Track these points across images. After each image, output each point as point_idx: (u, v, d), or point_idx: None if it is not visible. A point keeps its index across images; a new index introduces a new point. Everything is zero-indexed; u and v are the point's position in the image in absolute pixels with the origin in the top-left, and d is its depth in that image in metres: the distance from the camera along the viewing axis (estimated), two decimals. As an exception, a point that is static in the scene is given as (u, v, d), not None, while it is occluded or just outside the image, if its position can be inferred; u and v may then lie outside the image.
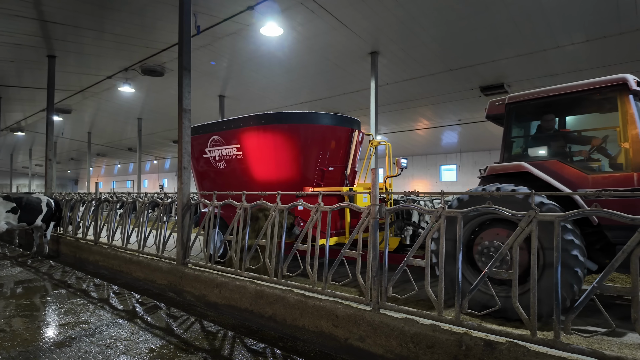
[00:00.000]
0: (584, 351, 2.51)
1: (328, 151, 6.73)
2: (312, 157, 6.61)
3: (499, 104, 5.27)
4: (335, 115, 6.98)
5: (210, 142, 7.41)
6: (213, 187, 7.35)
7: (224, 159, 7.24)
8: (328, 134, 6.71)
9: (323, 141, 6.67)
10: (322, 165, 6.71)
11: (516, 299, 2.88)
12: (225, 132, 7.12)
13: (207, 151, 7.52)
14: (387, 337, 3.32)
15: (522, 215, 2.91)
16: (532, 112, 5.11)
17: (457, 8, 8.34)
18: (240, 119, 6.91)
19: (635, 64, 10.86)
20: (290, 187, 6.31)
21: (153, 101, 16.95)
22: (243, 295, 4.51)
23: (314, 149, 6.60)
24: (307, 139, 6.58)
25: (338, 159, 6.99)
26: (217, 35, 9.97)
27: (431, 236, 3.37)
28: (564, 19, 8.65)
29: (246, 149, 6.85)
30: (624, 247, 2.47)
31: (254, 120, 6.71)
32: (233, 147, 7.03)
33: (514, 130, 5.17)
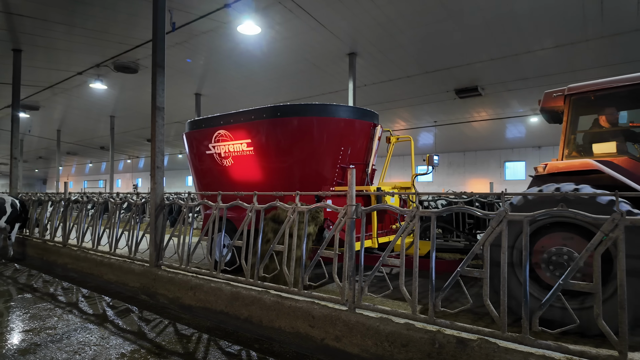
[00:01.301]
0: (550, 346, 2.59)
1: (349, 147, 6.17)
2: (332, 154, 6.06)
3: (557, 96, 4.73)
4: (357, 108, 6.43)
5: (215, 137, 6.71)
6: (217, 186, 6.72)
7: (230, 156, 6.57)
8: (349, 128, 6.17)
9: (344, 136, 6.12)
10: (342, 162, 6.14)
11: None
12: (234, 126, 6.44)
13: (210, 147, 6.82)
14: (363, 337, 3.34)
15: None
16: (596, 104, 4.58)
17: (433, 11, 8.49)
18: (251, 111, 6.26)
19: (601, 69, 11.35)
20: (308, 187, 5.75)
21: (127, 99, 16.48)
22: (218, 298, 4.44)
23: (335, 144, 6.04)
24: (327, 134, 6.00)
25: (359, 155, 6.43)
26: (193, 32, 9.79)
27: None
28: (534, 25, 8.94)
29: (258, 144, 6.19)
30: (587, 246, 2.57)
31: (268, 113, 6.07)
32: (242, 143, 6.34)
33: (574, 124, 4.67)
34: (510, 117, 17.64)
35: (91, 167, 45.81)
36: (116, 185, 47.96)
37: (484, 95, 13.93)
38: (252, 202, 4.53)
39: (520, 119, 17.96)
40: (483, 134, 20.10)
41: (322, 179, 6.04)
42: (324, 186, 6.00)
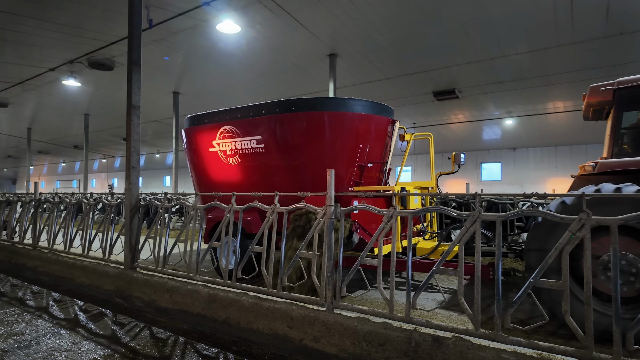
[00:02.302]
0: (522, 342, 2.67)
1: (367, 144, 5.83)
2: (351, 151, 5.70)
3: (605, 90, 4.43)
4: (376, 103, 6.00)
5: (219, 133, 6.25)
6: (221, 186, 6.33)
7: (237, 154, 6.12)
8: (368, 124, 5.82)
9: (363, 132, 5.76)
10: (360, 160, 5.78)
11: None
12: (242, 122, 6.01)
13: (214, 144, 6.36)
14: (341, 337, 3.36)
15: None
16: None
17: (411, 15, 8.62)
18: (262, 106, 5.87)
19: (572, 74, 11.79)
20: (323, 187, 5.57)
21: (102, 96, 16.04)
22: (195, 300, 4.38)
23: (353, 141, 5.69)
24: (345, 130, 5.67)
25: (377, 153, 6.07)
26: (171, 30, 9.63)
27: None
28: (509, 31, 9.20)
29: (270, 141, 5.79)
30: (556, 245, 2.66)
31: (281, 107, 5.69)
32: (252, 140, 5.91)
33: (624, 120, 4.38)
34: (487, 119, 18.09)
35: (64, 166, 44.35)
36: (91, 185, 46.58)
37: (461, 98, 14.24)
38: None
39: (496, 121, 18.44)
40: (460, 135, 20.53)
41: (339, 178, 5.62)
42: (341, 186, 5.64)
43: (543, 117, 17.29)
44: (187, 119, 6.88)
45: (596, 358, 2.46)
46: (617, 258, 2.49)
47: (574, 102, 15.14)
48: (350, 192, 5.58)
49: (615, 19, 8.43)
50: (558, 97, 14.57)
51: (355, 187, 5.74)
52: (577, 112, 16.31)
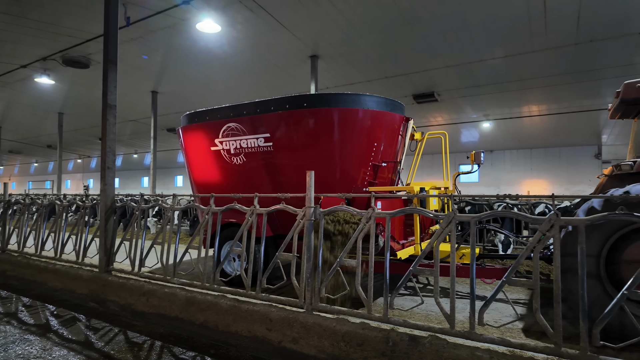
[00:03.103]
0: (495, 340, 2.75)
1: (382, 143, 5.60)
2: (365, 150, 5.47)
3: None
4: (390, 100, 5.73)
5: (223, 131, 5.96)
6: (224, 187, 6.05)
7: (243, 152, 5.84)
8: (382, 122, 5.60)
9: (377, 130, 5.54)
10: (375, 160, 5.57)
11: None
12: (248, 119, 5.74)
13: (217, 143, 6.06)
14: (320, 338, 3.37)
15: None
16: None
17: (391, 18, 8.73)
18: (270, 102, 5.60)
19: (546, 79, 12.18)
20: (334, 187, 5.19)
21: (77, 95, 15.58)
22: (173, 303, 4.31)
23: (367, 139, 5.47)
24: (361, 127, 5.42)
25: (390, 152, 5.85)
26: (149, 28, 9.45)
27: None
28: (485, 36, 9.43)
29: (279, 139, 5.54)
30: (527, 245, 2.75)
31: (292, 103, 5.44)
32: (259, 137, 5.64)
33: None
34: (465, 122, 18.48)
35: (37, 166, 42.85)
36: (65, 186, 45.17)
37: (440, 101, 14.50)
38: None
39: (474, 124, 18.86)
40: (439, 138, 20.89)
41: (351, 178, 5.43)
42: (355, 186, 5.41)
43: (519, 121, 17.79)
44: (185, 117, 6.57)
45: (564, 354, 2.54)
46: (584, 257, 2.58)
47: (548, 105, 15.64)
48: (366, 192, 5.35)
49: (585, 27, 8.76)
50: (533, 101, 15.02)
51: (370, 187, 5.50)
52: (550, 116, 16.87)
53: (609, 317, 2.49)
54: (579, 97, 14.10)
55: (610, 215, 2.67)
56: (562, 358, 2.57)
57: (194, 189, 6.75)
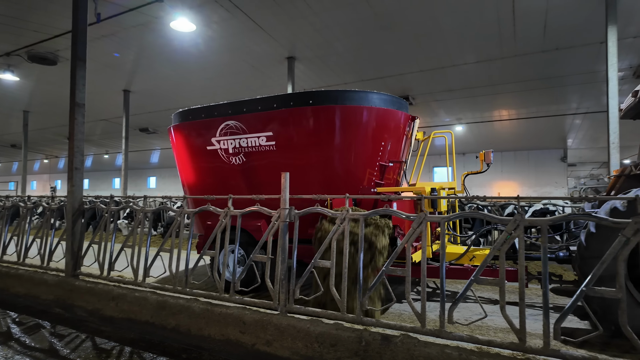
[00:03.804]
0: (463, 337, 2.83)
1: (389, 142, 5.46)
2: (372, 149, 5.32)
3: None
4: (396, 98, 5.55)
5: (220, 129, 5.68)
6: (221, 189, 5.77)
7: (242, 152, 5.58)
8: (390, 120, 5.45)
9: (385, 129, 5.39)
10: (382, 159, 5.41)
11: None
12: (249, 117, 5.49)
13: (214, 142, 5.77)
14: (294, 339, 3.36)
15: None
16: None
17: (367, 22, 8.85)
18: (272, 99, 5.37)
19: (516, 84, 12.63)
20: (340, 188, 5.01)
21: (44, 92, 14.97)
22: (143, 307, 4.20)
23: (375, 138, 5.31)
24: (369, 126, 5.26)
25: (396, 152, 5.71)
26: (122, 25, 9.20)
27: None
28: (458, 41, 9.70)
29: (283, 137, 5.30)
30: (494, 245, 2.84)
31: (296, 100, 5.21)
32: (260, 136, 5.40)
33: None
34: (438, 125, 18.91)
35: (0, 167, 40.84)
36: (31, 187, 43.26)
37: (414, 105, 14.78)
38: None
39: (447, 127, 19.32)
40: (414, 140, 21.30)
41: (358, 178, 5.27)
42: (362, 187, 5.26)
43: (490, 124, 18.36)
44: (177, 114, 6.28)
45: (528, 349, 2.65)
46: (547, 255, 2.70)
47: (517, 110, 16.21)
48: (374, 193, 5.23)
49: (551, 35, 9.14)
50: (503, 105, 15.54)
51: (377, 188, 5.36)
52: (520, 120, 17.49)
53: (569, 313, 2.60)
54: (546, 102, 14.69)
55: (571, 215, 2.80)
56: (526, 353, 2.67)
57: (186, 190, 6.45)
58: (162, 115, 17.35)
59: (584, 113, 15.86)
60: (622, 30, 8.34)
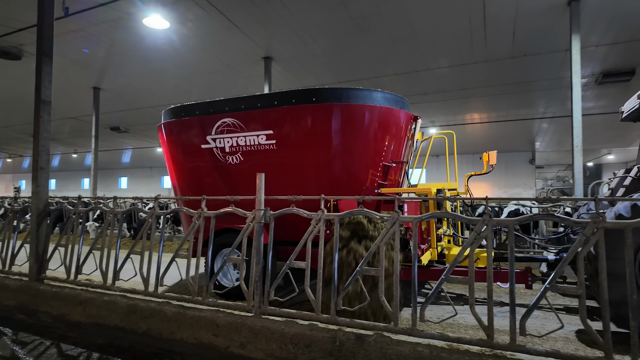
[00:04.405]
0: (434, 335, 2.90)
1: (392, 142, 5.36)
2: (377, 149, 5.20)
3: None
4: (399, 97, 5.44)
5: (217, 127, 5.48)
6: (216, 189, 5.55)
7: (240, 151, 5.38)
8: (394, 119, 5.33)
9: (388, 128, 5.28)
10: (385, 159, 5.30)
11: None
12: (248, 114, 5.28)
13: (209, 140, 5.55)
14: (268, 341, 3.35)
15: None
16: None
17: (343, 24, 8.91)
18: (273, 96, 5.21)
19: (487, 88, 13.02)
20: (345, 188, 4.96)
21: (7, 88, 14.25)
22: (113, 312, 4.08)
23: (380, 137, 5.20)
24: (374, 125, 5.14)
25: (399, 152, 5.62)
26: (91, 20, 8.90)
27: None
28: (432, 45, 9.92)
29: (284, 136, 5.13)
30: (464, 245, 2.93)
31: (299, 97, 5.06)
32: (260, 135, 5.21)
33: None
34: (414, 127, 19.20)
35: (-42, 166, 38.66)
36: (-8, 187, 41.11)
37: (390, 107, 14.97)
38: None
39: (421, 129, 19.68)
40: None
41: (362, 179, 5.14)
42: (365, 188, 5.14)
43: (462, 127, 18.85)
44: (168, 111, 6.03)
45: (496, 345, 2.74)
46: (513, 254, 2.80)
47: (488, 114, 16.73)
48: (378, 194, 5.19)
49: (520, 42, 9.49)
50: (474, 109, 15.99)
51: (381, 189, 5.29)
52: (490, 124, 18.05)
53: (533, 310, 2.71)
54: (515, 106, 15.22)
55: (535, 216, 2.92)
56: (494, 349, 2.77)
57: (177, 191, 6.20)
58: (134, 114, 16.88)
59: (551, 117, 16.54)
60: (585, 39, 8.76)
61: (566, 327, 3.98)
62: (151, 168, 35.88)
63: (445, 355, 2.73)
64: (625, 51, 9.79)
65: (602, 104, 14.43)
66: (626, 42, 9.29)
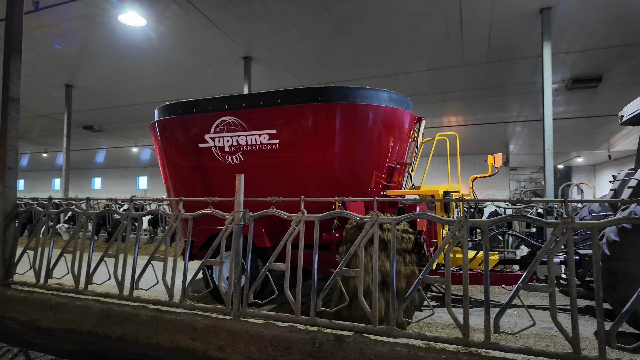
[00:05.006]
0: (412, 335, 2.94)
1: (397, 143, 5.28)
2: (382, 150, 5.11)
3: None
4: (404, 97, 5.36)
5: (216, 125, 5.27)
6: (214, 190, 5.36)
7: (240, 151, 5.20)
8: (399, 120, 5.24)
9: (394, 129, 5.20)
10: (390, 161, 5.23)
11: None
12: (249, 112, 5.10)
13: (208, 139, 5.34)
14: (247, 344, 3.32)
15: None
16: None
17: (324, 26, 8.94)
18: (277, 94, 5.06)
19: (464, 92, 13.31)
20: (350, 190, 4.86)
21: (-29, 84, 13.64)
22: (85, 317, 3.96)
23: (386, 138, 5.10)
24: (380, 126, 5.04)
25: (402, 154, 5.53)
26: (64, 16, 8.60)
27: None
28: (410, 49, 10.07)
29: (288, 135, 4.98)
30: (441, 245, 2.99)
31: (304, 96, 4.92)
32: (262, 134, 5.04)
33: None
34: (393, 129, 19.44)
35: None
36: (-45, 188, 39.07)
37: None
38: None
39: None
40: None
41: (364, 182, 5.04)
42: (369, 190, 5.07)
43: (440, 130, 19.23)
44: (162, 108, 5.76)
45: (471, 343, 2.81)
46: (488, 254, 2.88)
47: (465, 117, 17.12)
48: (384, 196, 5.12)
49: (495, 47, 9.76)
50: (451, 112, 16.34)
51: (387, 191, 5.24)
52: (467, 127, 18.47)
53: (507, 308, 2.79)
54: (490, 110, 15.63)
55: (509, 217, 3.01)
56: (469, 347, 2.83)
57: (170, 192, 5.98)
58: (109, 113, 16.41)
59: (524, 121, 17.07)
60: (555, 46, 9.08)
61: (538, 324, 4.12)
62: (126, 168, 34.98)
63: (423, 354, 2.78)
64: (593, 59, 10.22)
65: (572, 109, 15.01)
66: (594, 49, 9.70)
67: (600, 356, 2.51)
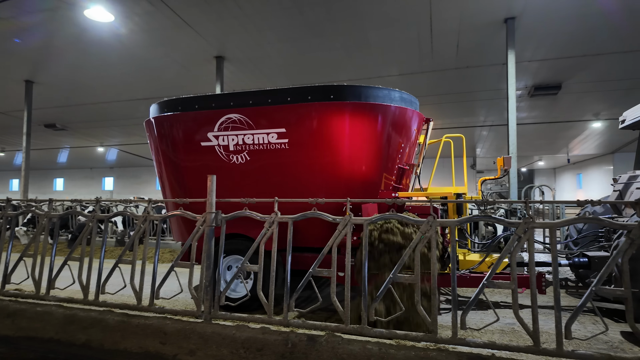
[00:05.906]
0: (383, 333, 3.01)
1: (408, 144, 5.18)
2: (393, 151, 4.98)
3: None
4: (413, 97, 5.26)
5: (220, 123, 5.03)
6: (218, 191, 5.07)
7: (246, 150, 4.98)
8: (409, 121, 5.13)
9: (404, 130, 5.09)
10: (400, 162, 5.12)
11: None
12: (256, 110, 4.89)
13: (211, 137, 5.09)
14: (219, 347, 3.29)
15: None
16: None
17: (299, 28, 8.98)
18: (286, 91, 4.87)
19: (434, 97, 13.70)
20: (360, 191, 4.74)
21: None
22: (47, 323, 3.78)
23: (396, 139, 4.98)
24: (391, 126, 4.92)
25: (411, 155, 5.44)
26: (25, 8, 8.21)
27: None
28: (383, 54, 10.27)
29: (298, 135, 4.78)
30: (410, 244, 3.08)
31: (315, 94, 4.74)
32: (270, 133, 4.84)
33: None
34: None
35: None
36: None
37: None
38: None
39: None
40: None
41: (375, 183, 4.91)
42: (380, 191, 4.93)
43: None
44: (159, 104, 5.46)
45: (439, 340, 2.90)
46: (455, 253, 2.98)
47: (435, 121, 17.55)
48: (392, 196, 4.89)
49: (463, 54, 10.12)
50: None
51: (399, 193, 5.12)
52: (436, 131, 18.99)
53: (472, 305, 2.91)
54: (459, 114, 16.16)
55: (474, 217, 3.14)
56: (437, 343, 2.93)
57: (166, 192, 5.68)
58: (73, 111, 15.73)
59: (490, 125, 17.75)
60: (519, 55, 9.52)
61: (502, 320, 4.29)
62: (91, 169, 33.66)
63: (393, 352, 2.85)
64: (554, 67, 10.79)
65: (534, 115, 15.76)
66: (554, 59, 10.23)
67: (557, 348, 2.66)
